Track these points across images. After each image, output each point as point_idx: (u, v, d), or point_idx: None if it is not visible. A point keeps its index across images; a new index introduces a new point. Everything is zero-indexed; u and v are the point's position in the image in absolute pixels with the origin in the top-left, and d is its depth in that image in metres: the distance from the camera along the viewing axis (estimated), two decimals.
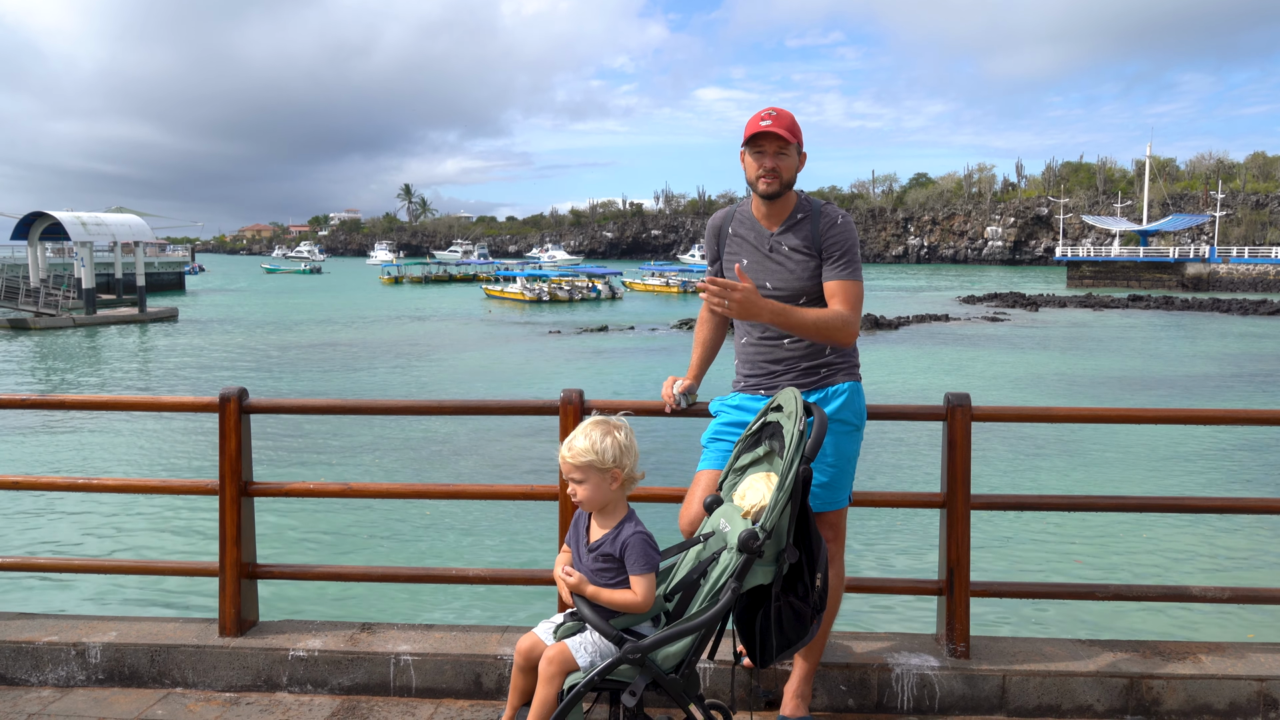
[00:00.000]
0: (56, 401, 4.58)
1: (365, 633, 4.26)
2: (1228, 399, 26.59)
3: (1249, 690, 3.83)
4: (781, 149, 3.49)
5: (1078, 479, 16.76)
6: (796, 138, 3.51)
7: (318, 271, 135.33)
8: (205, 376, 31.48)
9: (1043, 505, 4.30)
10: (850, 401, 3.58)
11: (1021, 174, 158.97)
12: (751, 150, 3.53)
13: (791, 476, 2.94)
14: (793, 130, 3.49)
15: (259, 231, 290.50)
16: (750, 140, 3.52)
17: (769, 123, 3.47)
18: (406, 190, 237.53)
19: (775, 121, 3.47)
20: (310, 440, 19.95)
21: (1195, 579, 11.13)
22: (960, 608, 3.99)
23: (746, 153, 3.55)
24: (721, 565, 3.02)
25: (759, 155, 3.51)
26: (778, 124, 3.47)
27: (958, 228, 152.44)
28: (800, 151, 3.57)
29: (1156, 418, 4.41)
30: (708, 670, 3.85)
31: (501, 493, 4.58)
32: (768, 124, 3.47)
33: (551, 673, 2.99)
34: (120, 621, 4.40)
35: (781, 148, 3.49)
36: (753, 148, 3.53)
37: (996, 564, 11.66)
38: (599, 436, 3.09)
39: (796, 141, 3.51)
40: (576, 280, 73.43)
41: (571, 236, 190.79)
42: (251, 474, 4.34)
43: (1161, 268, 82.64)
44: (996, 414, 4.23)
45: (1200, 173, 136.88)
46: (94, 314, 50.61)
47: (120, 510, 14.16)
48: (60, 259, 68.72)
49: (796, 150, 3.53)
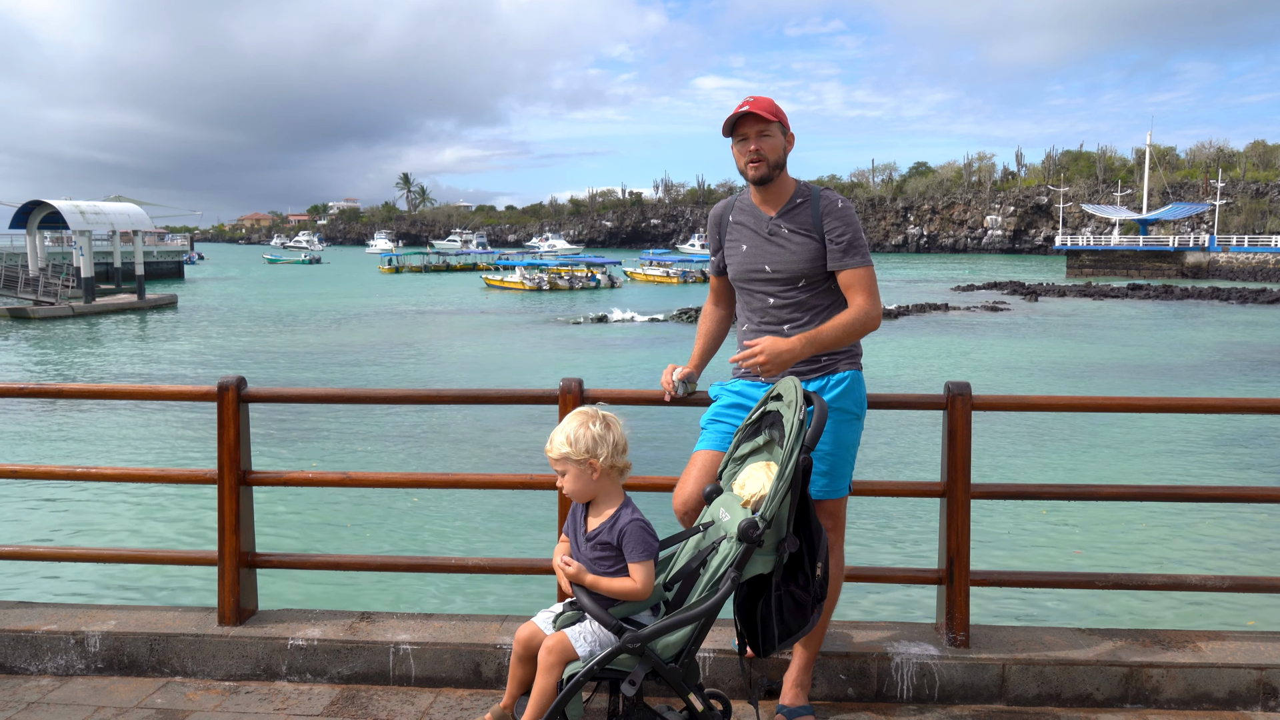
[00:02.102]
0: (55, 390, 4.56)
1: (364, 622, 4.26)
2: (1227, 388, 26.60)
3: (1249, 679, 3.83)
4: (763, 130, 3.47)
5: (1078, 468, 16.77)
6: (778, 117, 3.48)
7: (317, 261, 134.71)
8: (204, 365, 31.48)
9: (1043, 494, 4.29)
10: (850, 390, 3.57)
11: (1021, 163, 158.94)
12: (735, 139, 3.52)
13: (791, 465, 2.93)
14: (772, 111, 3.47)
15: (258, 220, 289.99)
16: (732, 129, 3.51)
17: (746, 106, 3.46)
18: (405, 179, 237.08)
19: (753, 104, 3.46)
20: (309, 429, 19.95)
21: (1195, 567, 11.15)
22: (960, 597, 3.99)
23: (733, 143, 3.55)
24: (721, 554, 3.02)
25: (742, 141, 3.50)
26: (755, 105, 3.46)
27: (957, 217, 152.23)
28: (786, 132, 3.54)
29: (1156, 406, 4.40)
30: (707, 659, 3.85)
31: (501, 482, 4.57)
32: (745, 107, 3.46)
33: (551, 662, 2.98)
34: (119, 610, 4.39)
35: (763, 129, 3.46)
36: (736, 135, 3.52)
37: (996, 553, 11.67)
38: (574, 427, 3.11)
39: (779, 121, 3.49)
40: (576, 270, 73.50)
41: (571, 226, 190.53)
42: (250, 463, 4.33)
43: (1161, 256, 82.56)
44: (997, 403, 4.21)
45: (1200, 161, 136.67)
46: (93, 303, 50.58)
47: (119, 499, 14.16)
48: (59, 248, 68.69)
49: (781, 130, 3.51)
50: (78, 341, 39.04)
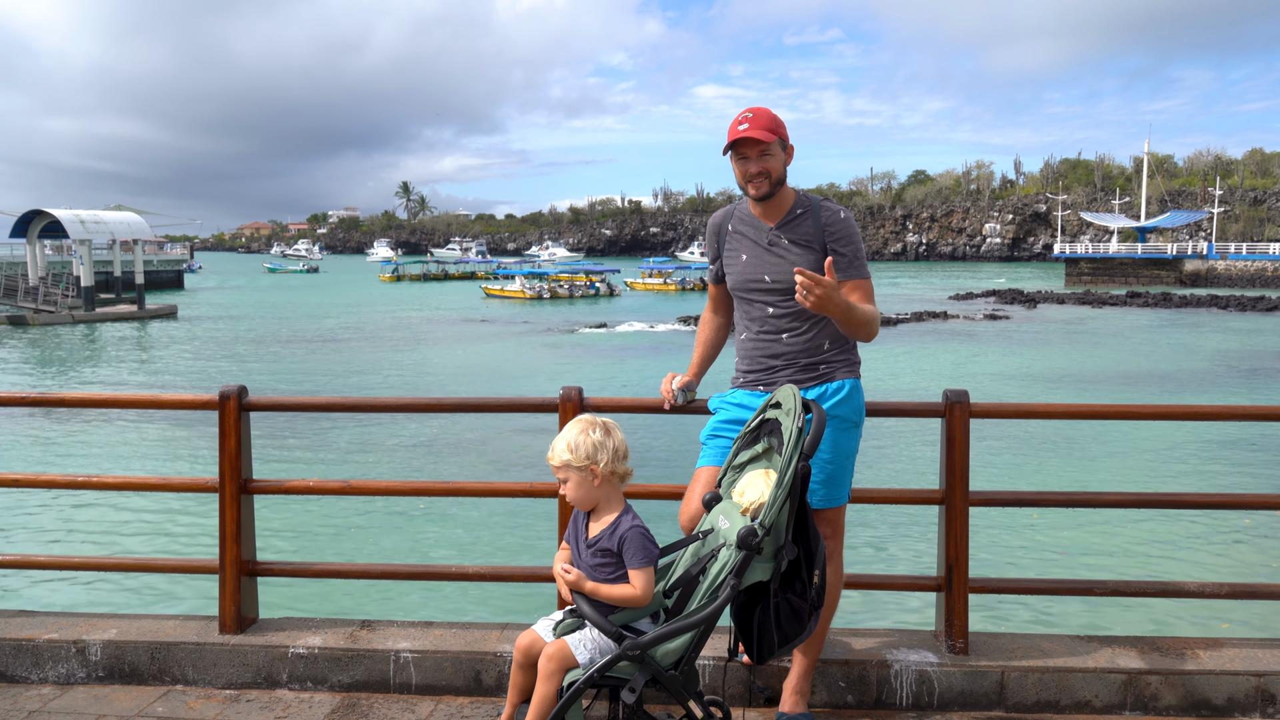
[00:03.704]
0: (56, 399, 4.58)
1: (365, 630, 4.27)
2: (1225, 395, 26.62)
3: (1247, 685, 3.84)
4: (764, 150, 3.48)
5: (1076, 475, 16.78)
6: (778, 134, 3.49)
7: (314, 270, 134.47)
8: (204, 374, 31.48)
9: (1041, 501, 4.30)
10: (849, 398, 3.58)
11: (1020, 171, 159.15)
12: (735, 156, 3.53)
13: (790, 473, 2.95)
14: (772, 128, 3.48)
15: (257, 229, 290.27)
16: (731, 146, 3.52)
17: (746, 126, 3.46)
18: (405, 188, 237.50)
19: (752, 124, 3.46)
20: (310, 438, 19.96)
21: (1193, 575, 11.14)
22: (959, 604, 4.00)
23: (733, 158, 3.56)
24: (721, 562, 3.03)
25: (743, 161, 3.51)
26: (755, 126, 3.45)
27: (956, 225, 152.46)
28: (786, 146, 3.56)
29: (1155, 414, 4.42)
30: (707, 667, 3.85)
31: (501, 490, 4.58)
32: (745, 128, 3.45)
33: (551, 669, 2.99)
34: (120, 619, 4.40)
35: (763, 149, 3.48)
36: (735, 154, 3.53)
37: (995, 560, 11.67)
38: (574, 434, 3.14)
39: (778, 138, 3.50)
40: (575, 278, 73.65)
41: (570, 234, 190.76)
42: (251, 471, 4.34)
43: (1160, 264, 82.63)
44: (995, 411, 4.23)
45: (1198, 169, 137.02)
46: (93, 311, 50.61)
47: (120, 508, 14.16)
48: (59, 256, 68.68)
49: (781, 146, 3.52)
50: (78, 350, 39.04)
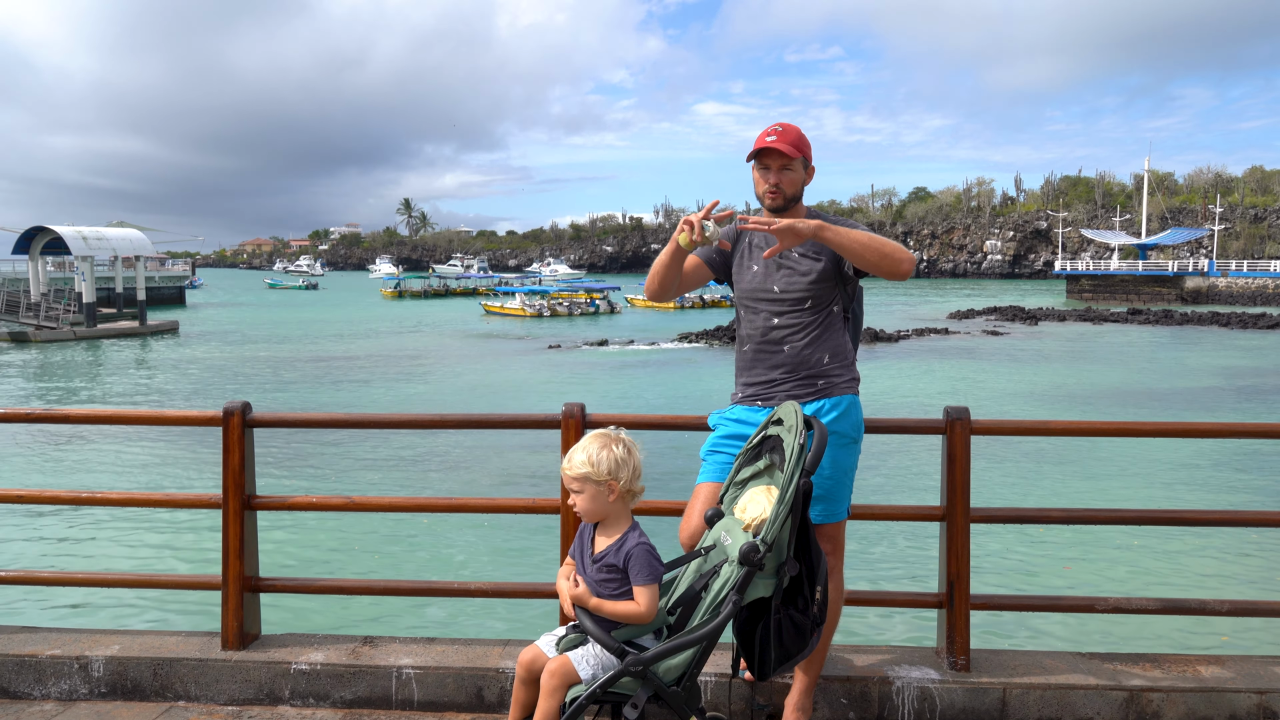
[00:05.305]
0: (60, 415, 4.60)
1: (367, 646, 4.27)
2: (1227, 412, 26.60)
3: (1249, 703, 3.84)
4: (785, 165, 3.56)
5: (1077, 492, 16.75)
6: (802, 152, 3.57)
7: (314, 287, 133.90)
8: (206, 390, 31.50)
9: (1043, 518, 4.31)
10: (848, 414, 3.61)
11: (1020, 188, 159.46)
12: (757, 165, 3.61)
13: (792, 489, 2.96)
14: (798, 145, 3.55)
15: (259, 245, 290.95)
16: (755, 155, 3.59)
17: (774, 139, 3.54)
18: (406, 204, 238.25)
19: (780, 138, 3.54)
20: (313, 454, 19.95)
21: (1195, 592, 11.12)
22: (960, 620, 4.01)
23: (754, 166, 3.63)
24: (723, 578, 3.04)
25: (764, 171, 3.59)
26: (782, 140, 3.54)
27: (957, 241, 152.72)
28: (808, 166, 3.63)
29: (1156, 431, 4.43)
30: (709, 683, 3.86)
31: (504, 506, 4.59)
32: (772, 140, 3.54)
33: (553, 685, 3.00)
34: (123, 635, 4.41)
35: (785, 164, 3.56)
36: (758, 163, 3.60)
37: (996, 577, 11.65)
38: (596, 449, 3.15)
39: (802, 156, 3.57)
40: (575, 295, 73.75)
41: (571, 250, 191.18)
42: (254, 487, 4.36)
43: (1160, 281, 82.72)
44: (996, 428, 4.25)
45: (1199, 186, 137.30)
46: (94, 328, 50.68)
47: (123, 524, 14.15)
48: (61, 273, 68.83)
49: (803, 165, 3.60)
50: (80, 366, 39.08)
